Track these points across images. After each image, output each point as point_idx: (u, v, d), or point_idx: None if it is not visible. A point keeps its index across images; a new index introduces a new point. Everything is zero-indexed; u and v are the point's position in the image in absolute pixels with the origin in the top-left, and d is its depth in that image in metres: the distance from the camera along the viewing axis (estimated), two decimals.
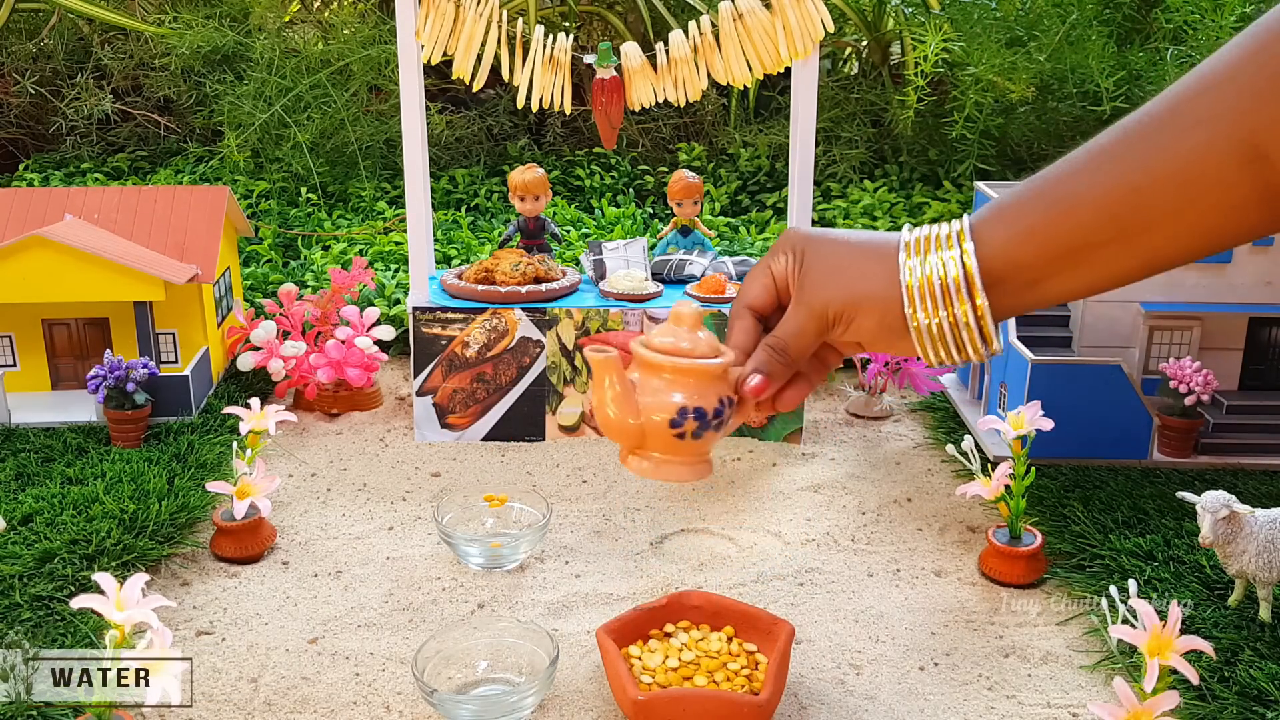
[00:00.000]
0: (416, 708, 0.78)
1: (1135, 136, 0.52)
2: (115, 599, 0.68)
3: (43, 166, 2.05)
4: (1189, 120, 0.50)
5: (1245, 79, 0.49)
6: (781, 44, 1.15)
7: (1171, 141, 0.51)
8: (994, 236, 0.55)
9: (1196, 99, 0.50)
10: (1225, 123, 0.49)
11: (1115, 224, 0.53)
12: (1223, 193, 0.50)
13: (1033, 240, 0.54)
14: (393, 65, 1.88)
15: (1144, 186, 0.51)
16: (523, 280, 1.22)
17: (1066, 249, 0.54)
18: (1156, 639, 0.69)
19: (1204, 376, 1.09)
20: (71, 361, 1.26)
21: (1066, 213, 0.54)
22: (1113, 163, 0.52)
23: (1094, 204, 0.53)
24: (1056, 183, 0.54)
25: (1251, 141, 0.49)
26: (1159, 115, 0.52)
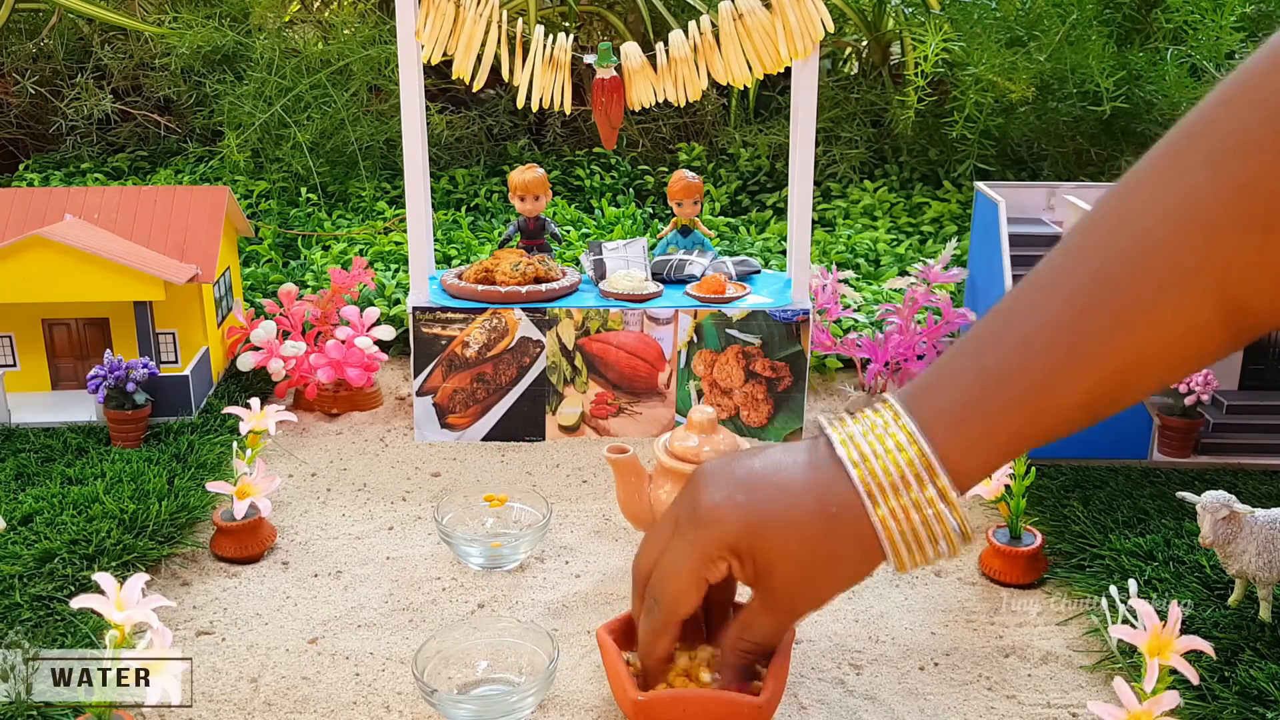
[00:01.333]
0: (416, 708, 0.78)
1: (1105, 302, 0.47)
2: (115, 599, 0.68)
3: (43, 166, 2.05)
4: (1161, 279, 0.46)
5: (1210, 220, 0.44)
6: (781, 44, 1.15)
7: (1143, 310, 0.46)
8: (966, 462, 0.51)
9: (1162, 248, 0.45)
10: (1198, 277, 0.45)
11: (1089, 412, 0.49)
12: (1200, 347, 0.47)
13: (1005, 452, 0.51)
14: (393, 65, 1.88)
15: (1123, 370, 0.47)
16: (523, 280, 1.22)
17: (1034, 444, 0.51)
18: (1156, 639, 0.69)
19: (1204, 376, 1.09)
20: (71, 361, 1.26)
21: (1036, 417, 0.49)
22: (1086, 346, 0.47)
23: (1072, 404, 0.49)
24: (1024, 383, 0.49)
25: (1228, 293, 0.45)
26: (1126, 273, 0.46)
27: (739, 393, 1.23)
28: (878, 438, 0.52)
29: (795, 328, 1.21)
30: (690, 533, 0.55)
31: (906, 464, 0.51)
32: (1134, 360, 0.47)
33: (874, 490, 0.51)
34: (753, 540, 0.54)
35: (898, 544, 0.52)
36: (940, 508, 0.51)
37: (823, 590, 0.55)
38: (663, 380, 1.23)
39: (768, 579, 0.54)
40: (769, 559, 0.54)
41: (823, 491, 0.53)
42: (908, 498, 0.51)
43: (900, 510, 0.51)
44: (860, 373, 1.33)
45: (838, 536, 0.52)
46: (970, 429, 0.50)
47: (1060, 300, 0.48)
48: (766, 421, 1.24)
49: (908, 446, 0.51)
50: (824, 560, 0.53)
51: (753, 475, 0.55)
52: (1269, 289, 0.45)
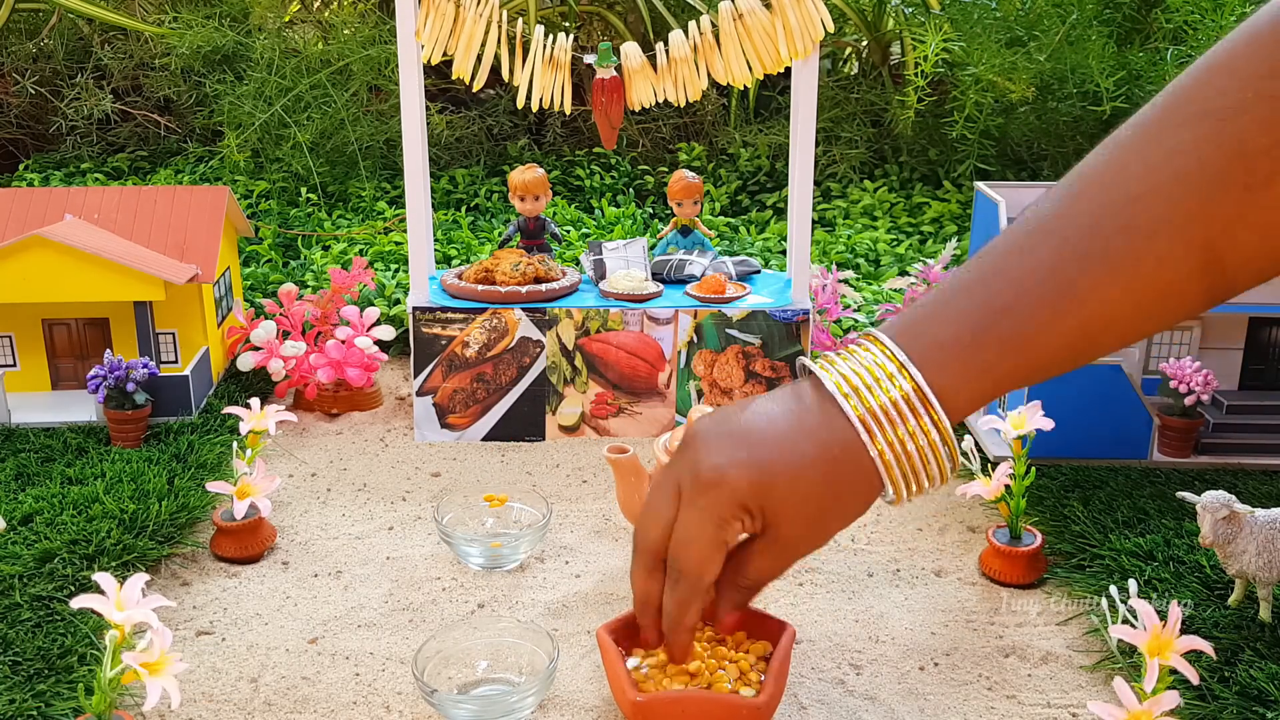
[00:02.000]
0: (416, 708, 0.78)
1: (1093, 248, 0.49)
2: (115, 599, 0.68)
3: (43, 166, 2.05)
4: (1147, 227, 0.48)
5: (1194, 176, 0.47)
6: (781, 44, 1.15)
7: (1133, 256, 0.48)
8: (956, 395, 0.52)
9: (1149, 201, 0.48)
10: (1183, 228, 0.47)
11: (1074, 351, 0.51)
12: (1180, 299, 0.49)
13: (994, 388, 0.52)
14: (393, 65, 1.88)
15: (1108, 313, 0.49)
16: (523, 280, 1.22)
17: (1022, 380, 0.52)
18: (1156, 639, 0.69)
19: (1204, 376, 1.09)
20: (71, 361, 1.26)
21: (1025, 355, 0.51)
22: (1073, 288, 0.49)
23: (1058, 342, 0.51)
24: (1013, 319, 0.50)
25: (1207, 246, 0.47)
26: (1113, 220, 0.49)
27: (739, 393, 1.23)
28: (867, 370, 0.52)
29: (795, 328, 1.21)
30: (699, 499, 0.55)
31: (901, 396, 0.52)
32: (1119, 304, 0.49)
33: (870, 423, 0.52)
34: (762, 495, 0.54)
35: (895, 476, 0.53)
36: (934, 437, 0.52)
37: (828, 530, 0.56)
38: (663, 380, 1.23)
39: (776, 528, 0.55)
40: (779, 510, 0.54)
41: (822, 434, 0.53)
42: (904, 429, 0.52)
43: (897, 441, 0.52)
44: None
45: (842, 476, 0.53)
46: (960, 363, 0.52)
47: (1051, 245, 0.50)
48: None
49: (899, 378, 0.52)
50: (830, 501, 0.54)
51: (750, 428, 0.55)
52: (1247, 244, 0.47)
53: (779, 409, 0.55)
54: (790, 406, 0.54)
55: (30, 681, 0.77)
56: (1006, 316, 0.51)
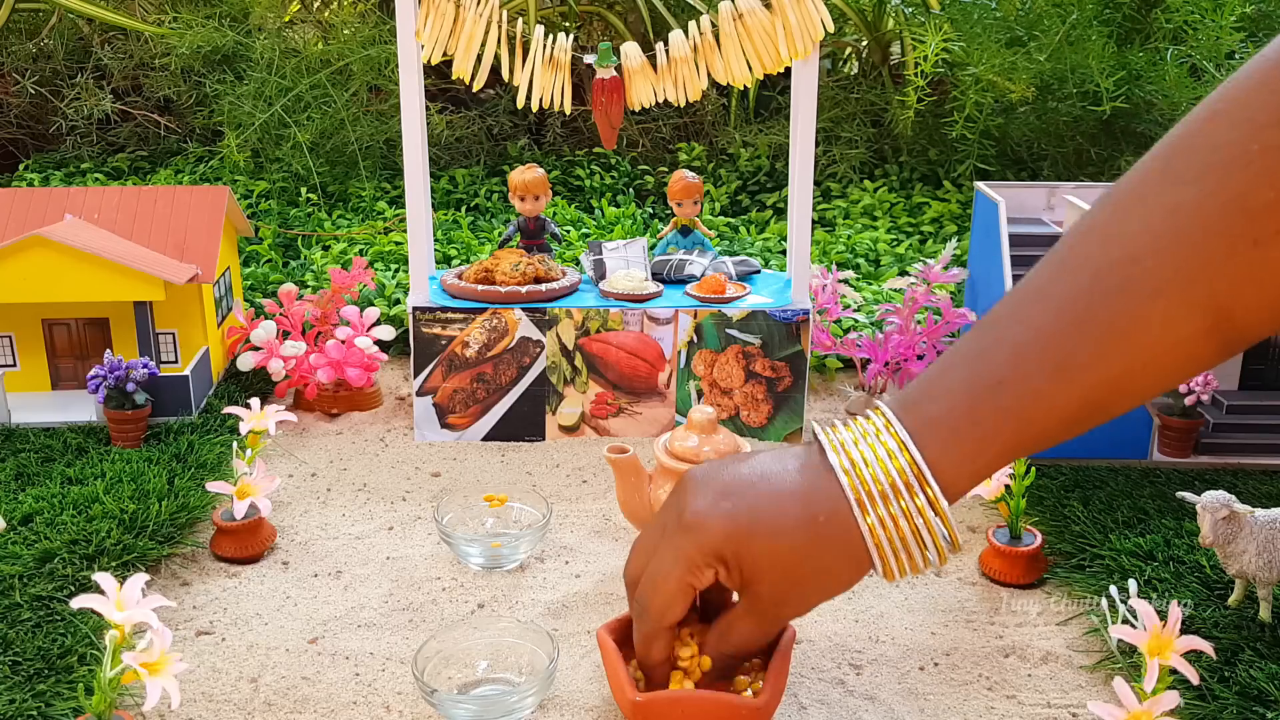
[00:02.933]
0: (416, 708, 0.78)
1: (1095, 313, 0.47)
2: (115, 599, 0.68)
3: (43, 166, 2.05)
4: (1150, 288, 0.46)
5: (1197, 235, 0.45)
6: (781, 44, 1.15)
7: (1137, 319, 0.46)
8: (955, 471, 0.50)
9: (1150, 263, 0.46)
10: (1188, 287, 0.45)
11: (1079, 423, 0.49)
12: (1188, 359, 0.47)
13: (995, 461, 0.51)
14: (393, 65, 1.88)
15: (1113, 380, 0.47)
16: (523, 280, 1.22)
17: (1025, 452, 0.51)
18: (1156, 639, 0.69)
19: (1204, 376, 1.09)
20: (71, 361, 1.26)
21: (1024, 428, 0.49)
22: (1076, 356, 0.47)
23: (1061, 414, 0.49)
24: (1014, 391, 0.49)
25: (1215, 306, 0.45)
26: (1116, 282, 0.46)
27: (739, 393, 1.23)
28: (869, 445, 0.51)
29: (795, 328, 1.21)
30: (676, 538, 0.55)
31: (897, 472, 0.51)
32: (1124, 370, 0.47)
33: (863, 498, 0.51)
34: (738, 547, 0.53)
35: (885, 552, 0.52)
36: (930, 516, 0.51)
37: (809, 598, 0.54)
38: (663, 380, 1.23)
39: (754, 585, 0.54)
40: (755, 566, 0.53)
41: (811, 498, 0.52)
42: (897, 506, 0.51)
43: (889, 518, 0.51)
44: (860, 373, 1.33)
45: (825, 544, 0.52)
46: (960, 439, 0.50)
47: (1051, 310, 0.48)
48: (766, 421, 1.24)
49: (898, 454, 0.51)
50: (811, 568, 0.53)
51: (740, 481, 0.54)
52: (1256, 301, 0.45)
53: (777, 467, 0.54)
54: (789, 466, 0.54)
55: (30, 681, 0.77)
56: (1004, 390, 0.49)
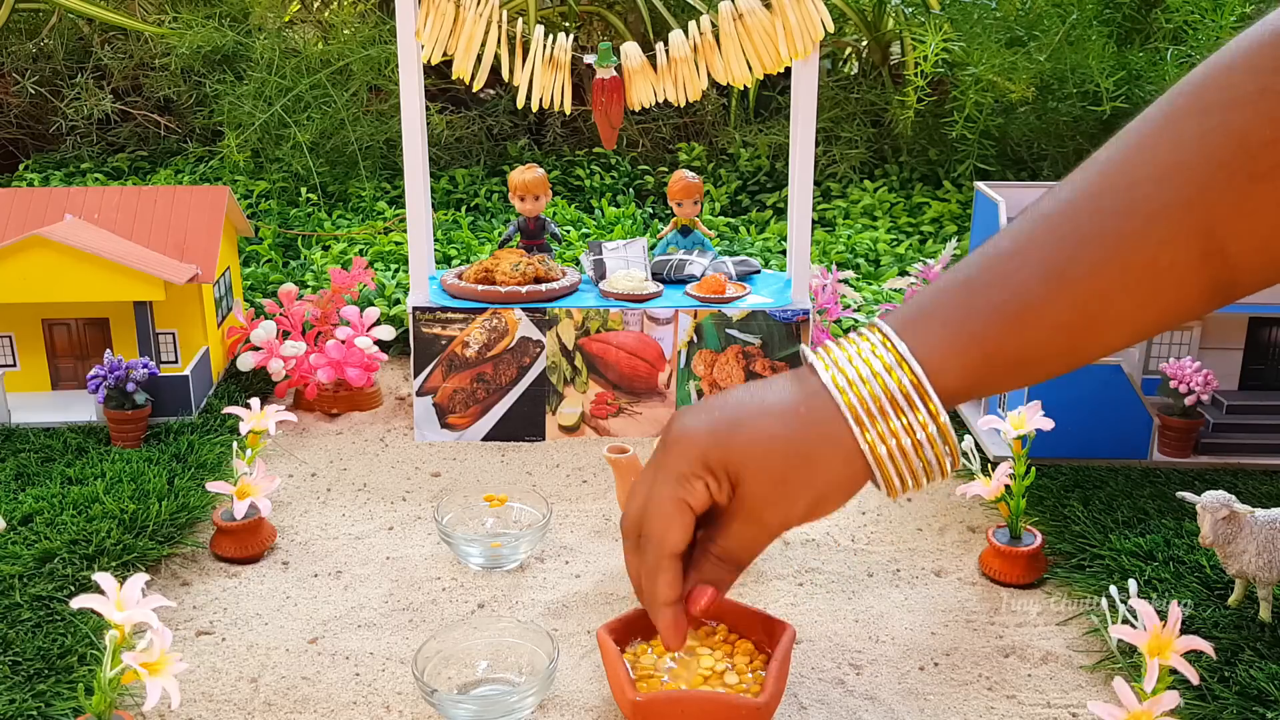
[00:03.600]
0: (416, 708, 0.78)
1: (1093, 228, 0.48)
2: (115, 599, 0.68)
3: (43, 166, 2.05)
4: (1148, 210, 0.47)
5: (1196, 164, 0.46)
6: (781, 44, 1.15)
7: (1133, 237, 0.47)
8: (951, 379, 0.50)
9: (1150, 188, 0.47)
10: (1185, 212, 0.47)
11: (1070, 336, 0.49)
12: (1180, 290, 0.48)
13: (985, 365, 0.50)
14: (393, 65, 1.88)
15: (1105, 293, 0.48)
16: (523, 280, 1.22)
17: (1015, 363, 0.50)
18: (1156, 639, 0.69)
19: (1204, 376, 1.09)
20: (71, 361, 1.26)
21: (1020, 329, 0.49)
22: (1071, 264, 0.48)
23: (1052, 320, 0.49)
24: (1007, 290, 0.49)
25: (1210, 233, 0.47)
26: (1114, 203, 0.48)
27: None
28: (864, 360, 0.51)
29: (795, 328, 1.21)
30: (663, 458, 0.54)
31: (897, 386, 0.50)
32: (1116, 285, 0.48)
33: (861, 416, 0.50)
34: (723, 450, 0.52)
35: (888, 468, 0.51)
36: (931, 430, 0.51)
37: (792, 503, 0.53)
38: (663, 380, 1.23)
39: (740, 487, 0.53)
40: (740, 464, 0.52)
41: (801, 405, 0.52)
42: (898, 422, 0.50)
43: (890, 434, 0.51)
44: None
45: (815, 442, 0.51)
46: (953, 340, 0.50)
47: (1050, 226, 0.49)
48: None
49: (896, 368, 0.50)
50: (796, 466, 0.52)
51: (726, 397, 0.54)
52: (1248, 236, 0.46)
53: (764, 388, 0.54)
54: (777, 384, 0.53)
55: (30, 681, 0.77)
56: (997, 289, 0.50)
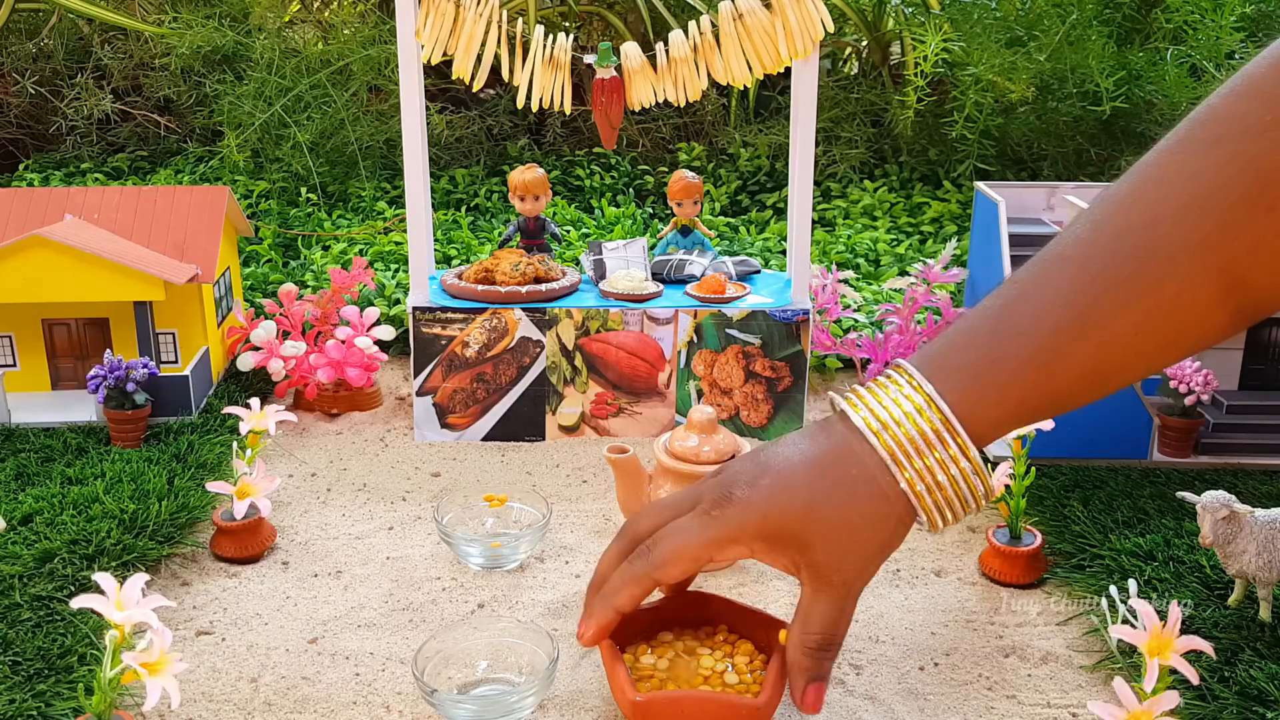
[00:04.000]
0: (416, 708, 0.78)
1: (1114, 273, 0.48)
2: (115, 599, 0.68)
3: (43, 166, 2.05)
4: (1167, 251, 0.47)
5: (1215, 200, 0.46)
6: (781, 44, 1.15)
7: (1154, 279, 0.48)
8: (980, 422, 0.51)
9: (1168, 226, 0.47)
10: (1203, 250, 0.47)
11: (1097, 379, 0.51)
12: (1203, 324, 0.49)
13: (1015, 411, 0.51)
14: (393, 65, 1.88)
15: (1129, 337, 0.49)
16: (523, 280, 1.22)
17: (1043, 406, 0.52)
18: (1156, 639, 0.69)
19: (1204, 376, 1.09)
20: (71, 361, 1.26)
21: (1042, 378, 0.50)
22: (1094, 309, 0.49)
23: (1079, 367, 0.50)
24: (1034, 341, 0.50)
25: (1231, 270, 0.47)
26: (1134, 245, 0.48)
27: (739, 393, 1.23)
28: (894, 402, 0.52)
29: (795, 328, 1.21)
30: (712, 510, 0.55)
31: (928, 426, 0.52)
32: (1138, 329, 0.48)
33: (898, 455, 0.52)
34: (782, 522, 0.54)
35: (928, 504, 0.53)
36: (964, 465, 0.52)
37: (864, 559, 0.54)
38: (663, 380, 1.23)
39: (809, 556, 0.54)
40: (804, 537, 0.54)
41: (844, 461, 0.53)
42: (932, 458, 0.52)
43: (926, 471, 0.52)
44: (860, 373, 1.33)
45: (868, 499, 0.53)
46: (983, 389, 0.52)
47: (1073, 270, 0.50)
48: (766, 421, 1.24)
49: (926, 409, 0.52)
50: (859, 524, 0.53)
51: (776, 459, 0.55)
52: (1269, 267, 0.46)
53: (808, 445, 0.55)
54: (820, 442, 0.54)
55: (30, 681, 0.77)
56: (1024, 338, 0.50)
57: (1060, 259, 0.50)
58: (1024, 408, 0.51)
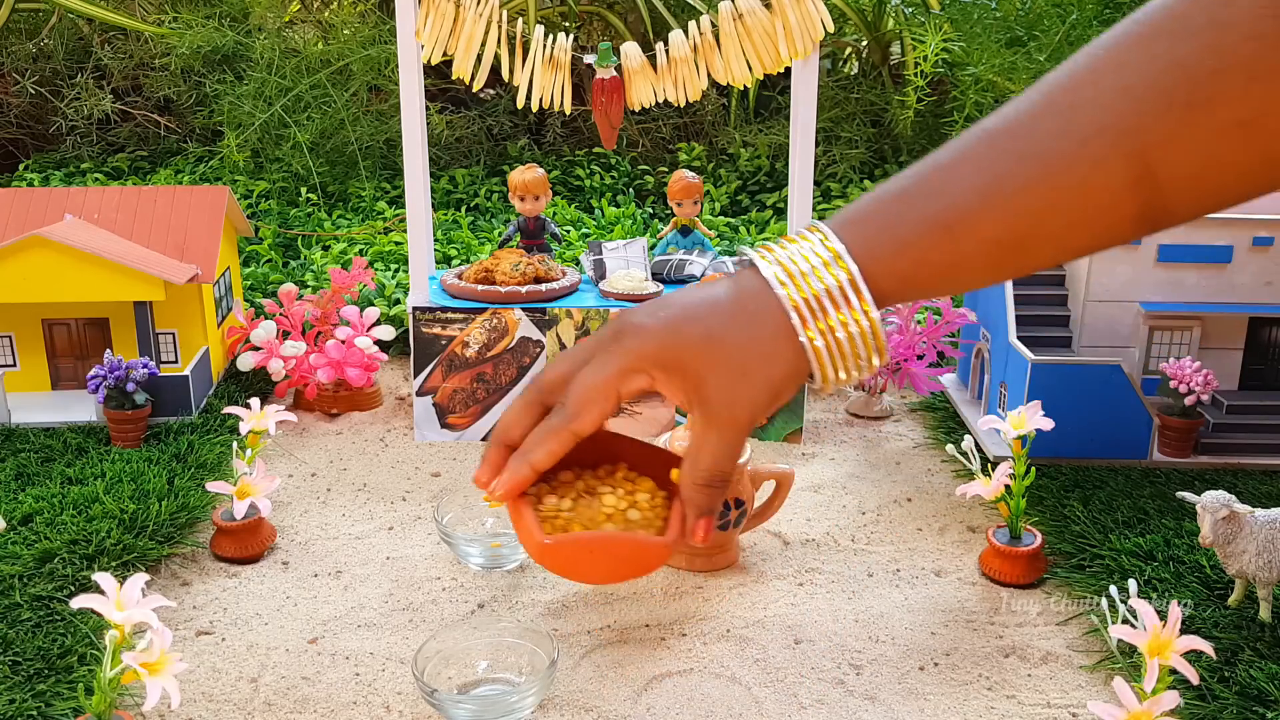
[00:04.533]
0: (416, 708, 0.78)
1: (1029, 146, 0.50)
2: (115, 599, 0.68)
3: (43, 166, 2.05)
4: (1084, 132, 0.48)
5: (1138, 90, 0.47)
6: (781, 44, 1.15)
7: (1066, 156, 0.49)
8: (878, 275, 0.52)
9: (1089, 109, 0.48)
10: (1120, 136, 0.48)
11: (998, 251, 0.51)
12: (1111, 214, 0.49)
13: (914, 271, 0.52)
14: (393, 65, 1.88)
15: (1035, 211, 0.50)
16: (523, 280, 1.22)
17: (944, 272, 0.52)
18: (1156, 639, 0.69)
19: (1204, 376, 1.09)
20: (71, 361, 1.26)
21: (951, 240, 0.51)
22: (1003, 181, 0.50)
23: (982, 234, 0.51)
24: (940, 202, 0.51)
25: (1143, 159, 0.48)
26: (1054, 123, 0.49)
27: None
28: (803, 257, 0.53)
29: None
30: (609, 345, 0.56)
31: (834, 282, 0.52)
32: (1048, 204, 0.49)
33: (802, 309, 0.53)
34: (678, 350, 0.55)
35: (824, 361, 0.53)
36: (864, 324, 0.53)
37: (757, 393, 0.55)
38: None
39: (701, 389, 0.55)
40: (698, 365, 0.55)
41: (751, 304, 0.54)
42: (835, 317, 0.52)
43: (828, 330, 0.53)
44: None
45: (768, 341, 0.54)
46: (885, 244, 0.53)
47: (989, 142, 0.51)
48: (766, 421, 1.24)
49: (834, 264, 0.53)
50: (754, 364, 0.54)
51: (676, 298, 0.57)
52: (1183, 166, 0.48)
53: (714, 289, 0.56)
54: (726, 285, 0.56)
55: (30, 681, 0.77)
56: (933, 199, 0.52)
57: (982, 132, 0.52)
58: (924, 267, 0.52)
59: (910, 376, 1.29)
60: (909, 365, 1.29)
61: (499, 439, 0.61)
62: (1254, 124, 0.46)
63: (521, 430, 0.60)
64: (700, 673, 0.82)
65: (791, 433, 1.24)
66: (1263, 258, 1.14)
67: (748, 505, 0.95)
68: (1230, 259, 1.14)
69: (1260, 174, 0.48)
